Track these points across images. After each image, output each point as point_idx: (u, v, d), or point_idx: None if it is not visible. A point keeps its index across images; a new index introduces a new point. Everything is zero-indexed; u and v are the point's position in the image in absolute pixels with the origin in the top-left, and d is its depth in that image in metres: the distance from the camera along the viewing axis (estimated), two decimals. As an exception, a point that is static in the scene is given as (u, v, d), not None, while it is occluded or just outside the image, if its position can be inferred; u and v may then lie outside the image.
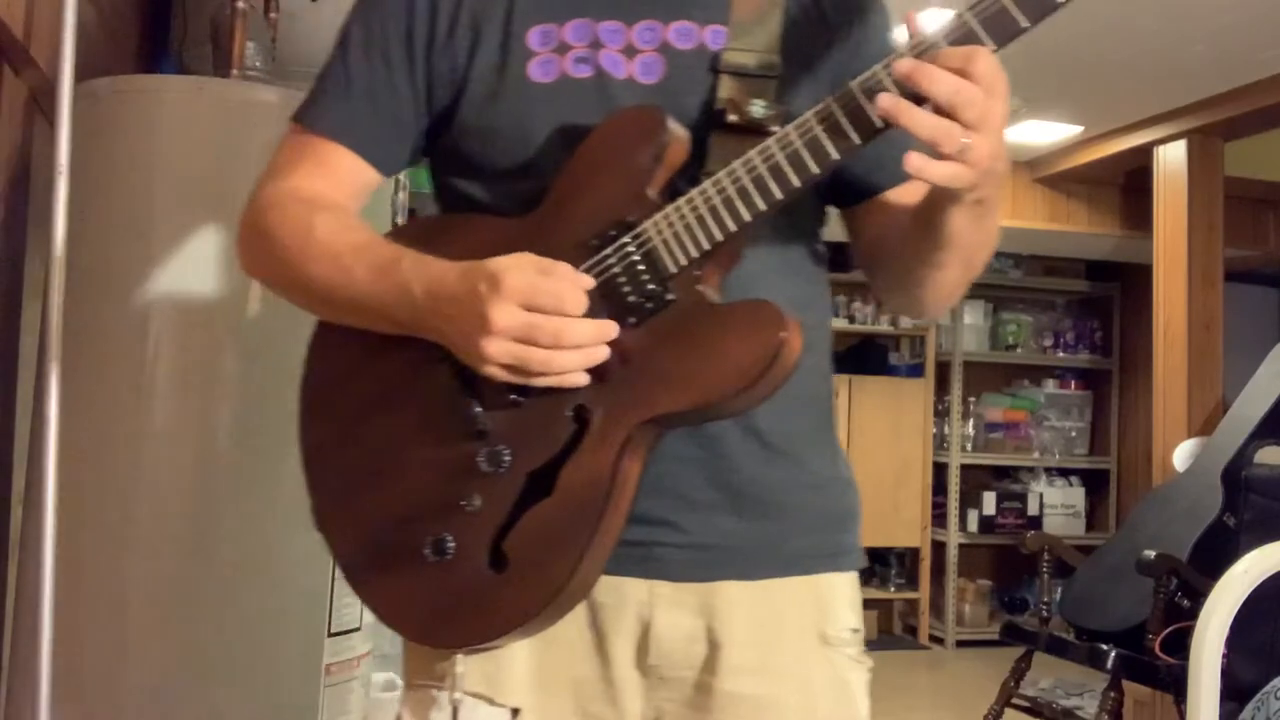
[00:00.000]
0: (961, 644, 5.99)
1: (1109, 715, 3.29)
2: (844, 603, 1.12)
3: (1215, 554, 3.18)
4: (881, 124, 0.91)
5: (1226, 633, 1.93)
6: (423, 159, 1.15)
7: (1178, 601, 3.27)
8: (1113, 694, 3.30)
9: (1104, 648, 3.32)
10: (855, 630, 1.12)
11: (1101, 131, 4.73)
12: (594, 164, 1.00)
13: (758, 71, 1.04)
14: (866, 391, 5.94)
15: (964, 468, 6.16)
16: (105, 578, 1.92)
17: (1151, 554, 3.25)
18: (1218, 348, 4.34)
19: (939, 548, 6.13)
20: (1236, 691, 2.64)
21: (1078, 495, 6.34)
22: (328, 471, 1.07)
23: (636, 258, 0.97)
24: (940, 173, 0.89)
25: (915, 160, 0.88)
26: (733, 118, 1.01)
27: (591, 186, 1.00)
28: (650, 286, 0.96)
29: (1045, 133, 4.74)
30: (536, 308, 0.91)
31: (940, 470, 6.16)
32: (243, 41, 2.29)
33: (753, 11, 1.07)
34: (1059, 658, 3.57)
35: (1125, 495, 6.24)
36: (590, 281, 0.95)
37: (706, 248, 0.96)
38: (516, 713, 1.05)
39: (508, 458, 0.97)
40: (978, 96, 0.87)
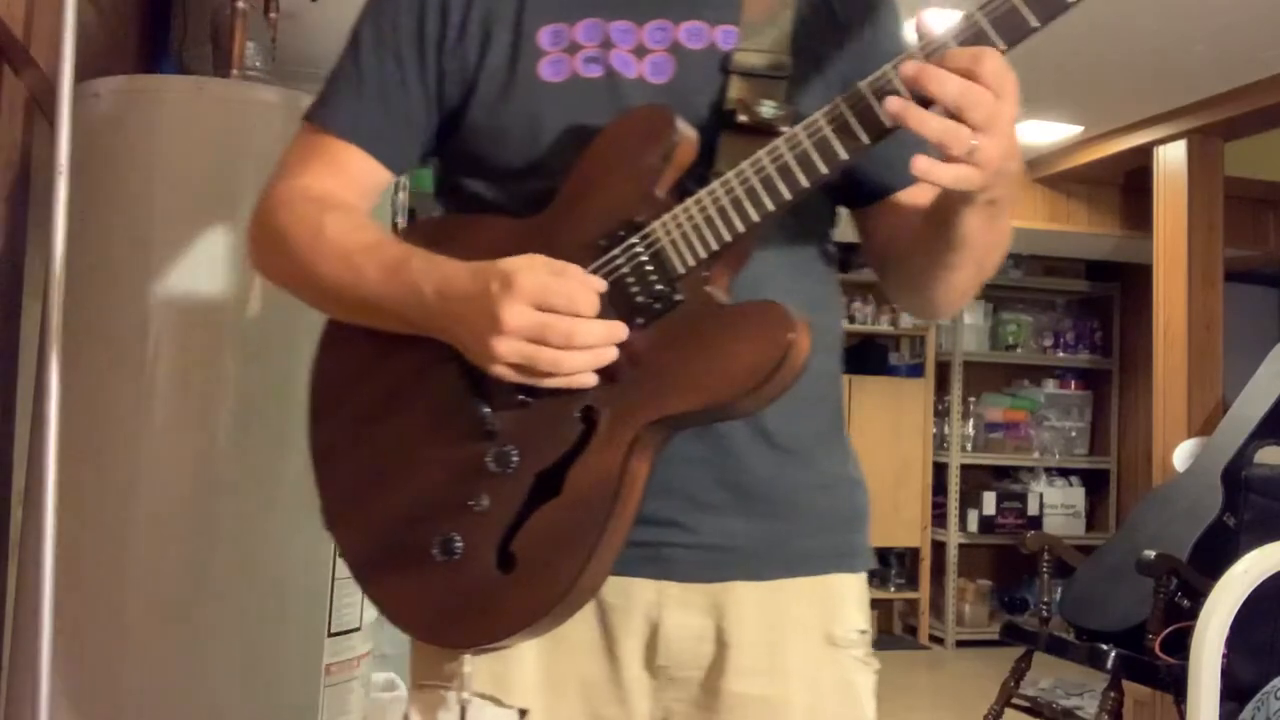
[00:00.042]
0: (961, 644, 5.98)
1: (1109, 715, 3.28)
2: (852, 604, 1.11)
3: (1215, 554, 3.17)
4: (891, 125, 0.91)
5: (1226, 633, 1.92)
6: (432, 158, 1.15)
7: (1178, 601, 3.26)
8: (1113, 694, 3.30)
9: (1104, 648, 3.32)
10: (863, 631, 1.12)
11: (1101, 131, 4.72)
12: (603, 164, 1.00)
13: (768, 72, 1.04)
14: (866, 391, 5.94)
15: (964, 468, 6.16)
16: (105, 578, 1.92)
17: (1151, 554, 3.25)
18: (1218, 348, 4.34)
19: (939, 548, 6.13)
20: (1236, 691, 2.63)
21: (1078, 495, 6.34)
22: (336, 471, 1.06)
23: (645, 258, 0.96)
24: (948, 175, 0.88)
25: (922, 163, 0.88)
26: (742, 118, 1.00)
27: (600, 186, 0.99)
28: (658, 287, 0.96)
29: (1045, 133, 4.74)
30: (548, 308, 0.91)
31: (940, 470, 6.15)
32: (243, 41, 2.29)
33: (764, 12, 1.06)
34: (1059, 658, 3.57)
35: (1125, 495, 6.24)
36: (602, 284, 0.94)
37: (715, 248, 0.95)
38: (524, 714, 1.04)
39: (516, 458, 0.97)
40: (985, 98, 0.86)
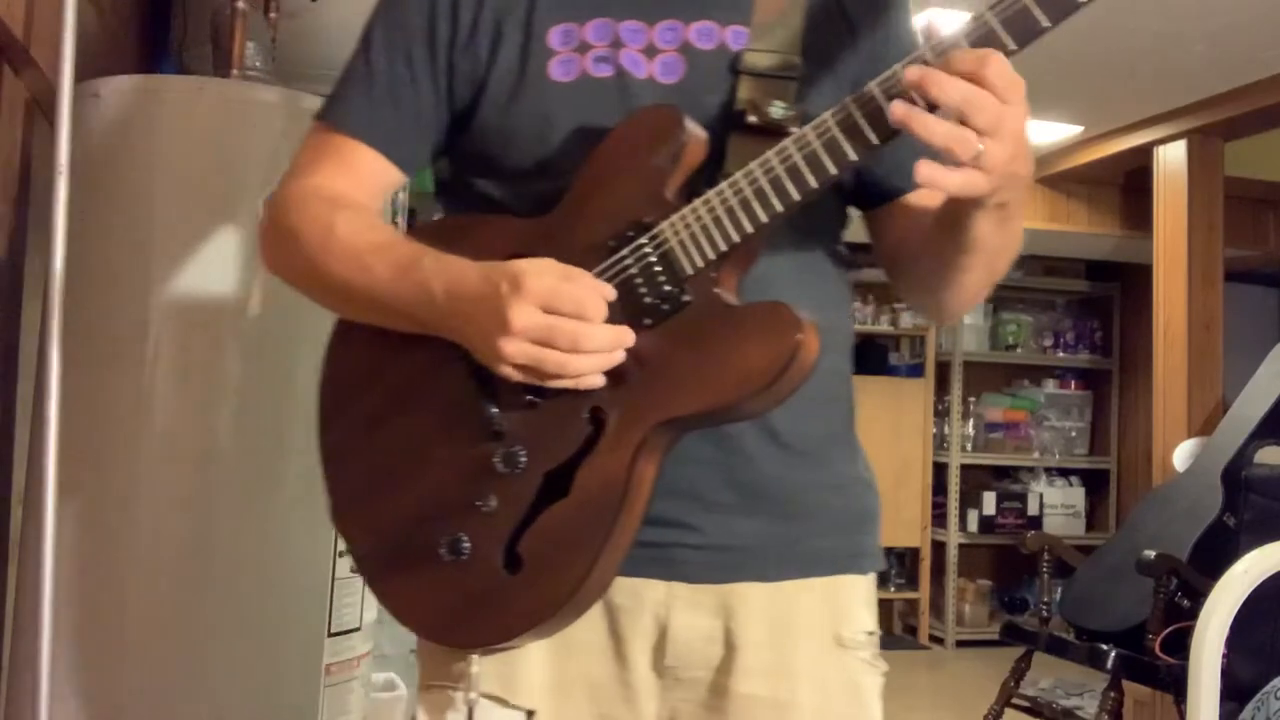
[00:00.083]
0: (961, 644, 5.98)
1: (1109, 715, 3.28)
2: (860, 605, 1.11)
3: (1215, 554, 3.17)
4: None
5: (1226, 633, 1.93)
6: (442, 158, 1.15)
7: (1178, 601, 3.26)
8: (1113, 694, 3.30)
9: (1104, 648, 3.31)
10: (870, 633, 1.11)
11: (1101, 131, 4.72)
12: (612, 164, 0.99)
13: (778, 72, 1.04)
14: (866, 391, 5.86)
15: (964, 468, 6.16)
16: (105, 578, 1.92)
17: (1151, 554, 3.25)
18: (1218, 348, 4.34)
19: (939, 548, 6.13)
20: (1236, 691, 2.63)
21: (1078, 495, 6.34)
22: (346, 470, 1.06)
23: (653, 259, 0.96)
24: (954, 181, 0.88)
25: (925, 170, 0.87)
26: (752, 119, 1.00)
27: (609, 187, 0.99)
28: (666, 288, 0.96)
29: (1045, 133, 4.73)
30: (556, 311, 0.91)
31: (940, 470, 6.15)
32: (243, 41, 2.29)
33: (774, 12, 1.06)
34: (1059, 658, 3.56)
35: (1125, 495, 6.24)
36: (611, 292, 0.94)
37: (723, 249, 0.95)
38: (531, 715, 1.04)
39: (523, 459, 0.97)
40: (989, 102, 0.86)
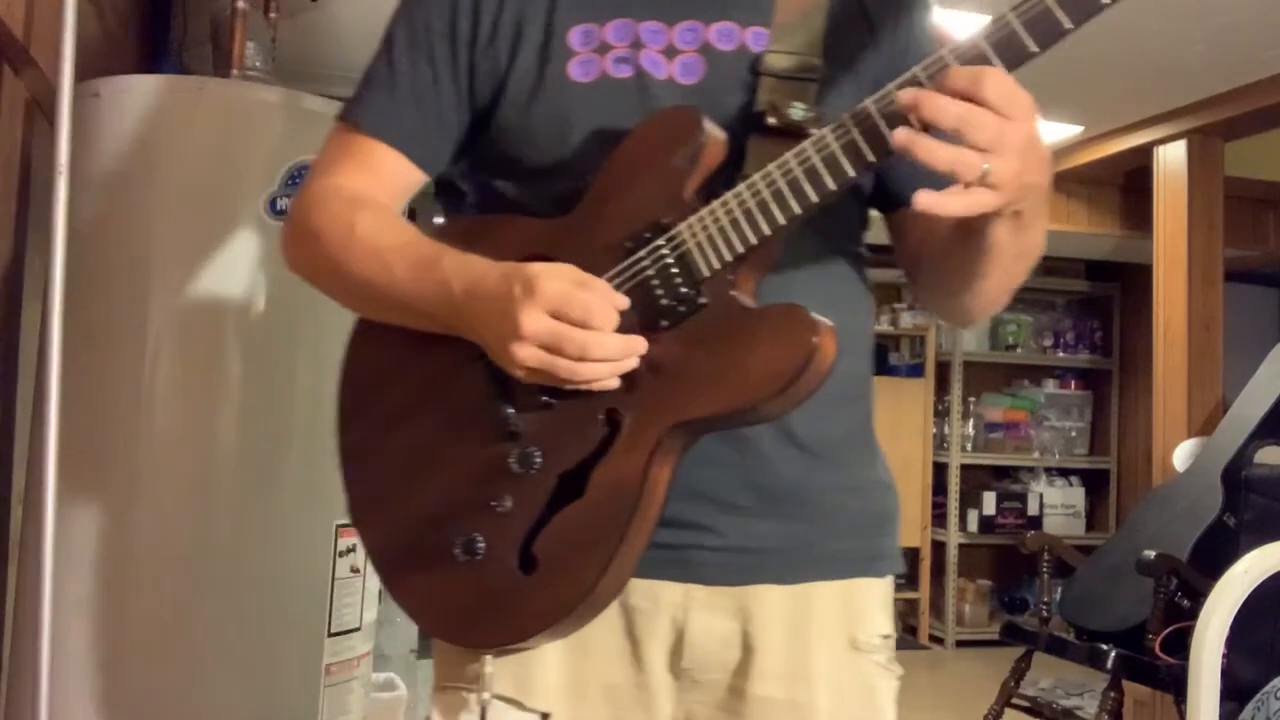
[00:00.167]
0: (961, 644, 5.98)
1: (1109, 715, 3.28)
2: (876, 608, 1.11)
3: (1215, 554, 3.17)
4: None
5: (1226, 633, 1.92)
6: (463, 158, 1.15)
7: (1178, 601, 3.26)
8: (1113, 694, 3.29)
9: (1104, 648, 3.31)
10: (886, 636, 1.11)
11: (1101, 131, 4.71)
12: (631, 165, 0.99)
13: (799, 74, 1.03)
14: (866, 391, 5.93)
15: (964, 468, 6.15)
16: (105, 578, 1.91)
17: (1151, 554, 3.25)
18: (1218, 348, 4.33)
19: (939, 548, 6.13)
20: (1236, 691, 2.63)
21: (1078, 495, 6.33)
22: (365, 470, 1.07)
23: (670, 260, 0.96)
24: (957, 204, 0.87)
25: (924, 199, 0.86)
26: (772, 120, 1.00)
27: (628, 187, 0.99)
28: (683, 290, 0.95)
29: (1045, 133, 4.71)
30: (564, 317, 0.90)
31: (940, 470, 6.15)
32: (243, 41, 2.29)
33: (795, 13, 1.06)
34: (1059, 658, 3.56)
35: (1125, 495, 6.24)
36: (624, 301, 0.94)
37: (740, 251, 0.94)
38: (546, 717, 1.04)
39: (539, 459, 0.97)
40: (988, 119, 0.85)
